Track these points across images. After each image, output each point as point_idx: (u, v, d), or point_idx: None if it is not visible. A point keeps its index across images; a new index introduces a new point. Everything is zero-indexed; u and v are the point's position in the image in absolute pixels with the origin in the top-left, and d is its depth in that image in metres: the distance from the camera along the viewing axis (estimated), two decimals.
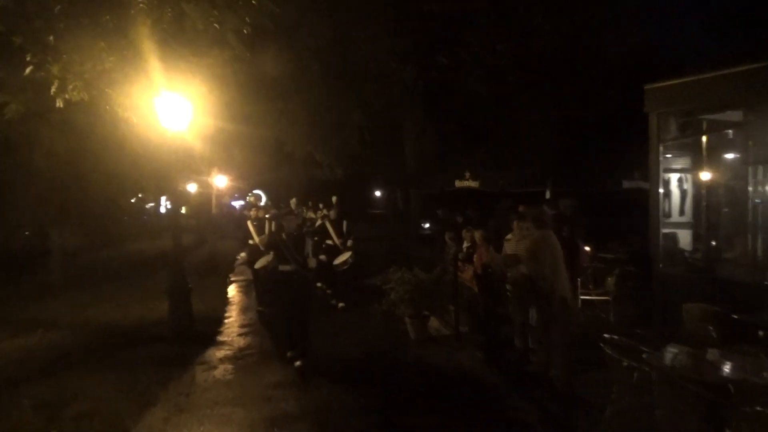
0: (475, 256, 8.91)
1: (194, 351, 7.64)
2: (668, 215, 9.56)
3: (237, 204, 33.34)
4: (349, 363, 7.13)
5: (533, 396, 5.63)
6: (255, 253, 10.04)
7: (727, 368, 3.71)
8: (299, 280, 6.88)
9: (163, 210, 36.62)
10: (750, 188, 6.51)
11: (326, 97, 13.79)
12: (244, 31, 7.35)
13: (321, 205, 12.52)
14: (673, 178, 9.33)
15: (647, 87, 7.00)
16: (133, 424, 5.22)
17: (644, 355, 4.32)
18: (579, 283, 8.90)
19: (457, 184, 14.57)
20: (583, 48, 12.67)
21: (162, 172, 11.81)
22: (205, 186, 25.12)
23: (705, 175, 7.48)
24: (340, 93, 14.12)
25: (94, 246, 20.90)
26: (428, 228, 14.62)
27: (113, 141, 9.98)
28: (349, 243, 10.71)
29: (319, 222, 11.75)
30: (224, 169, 21.99)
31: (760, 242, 6.64)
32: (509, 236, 7.43)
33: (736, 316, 5.41)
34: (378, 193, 23.62)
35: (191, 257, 17.70)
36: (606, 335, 4.88)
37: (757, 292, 5.84)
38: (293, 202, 12.88)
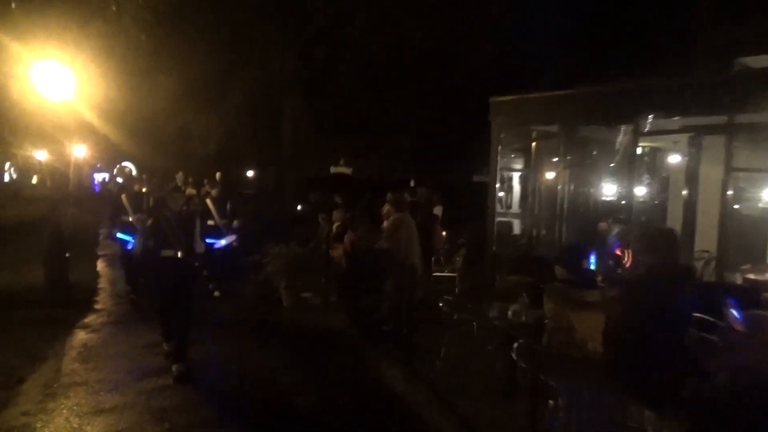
0: (345, 235, 10.06)
1: (73, 315, 7.94)
2: (509, 206, 11.40)
3: (100, 176, 31.46)
4: (224, 325, 7.91)
5: (383, 346, 6.88)
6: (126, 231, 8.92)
7: (518, 316, 5.16)
8: (184, 267, 6.13)
9: (6, 178, 33.61)
10: (559, 187, 8.31)
11: (206, 74, 14.12)
12: (143, 17, 7.74)
13: (205, 181, 12.04)
14: (515, 175, 11.17)
15: (491, 100, 8.54)
16: (27, 375, 5.65)
17: (468, 307, 5.72)
18: (432, 261, 10.41)
19: (332, 169, 15.64)
20: (446, 54, 14.27)
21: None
22: (62, 155, 23.71)
23: (532, 175, 9.26)
24: (220, 72, 14.50)
25: None
26: (301, 209, 15.53)
27: None
28: (236, 224, 10.08)
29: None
30: (85, 138, 21.03)
31: (565, 228, 8.51)
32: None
33: (541, 285, 7.07)
34: (250, 173, 23.98)
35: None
36: (445, 297, 6.26)
37: None
38: (179, 176, 11.92)
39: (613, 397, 3.37)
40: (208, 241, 8.52)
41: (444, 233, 11.22)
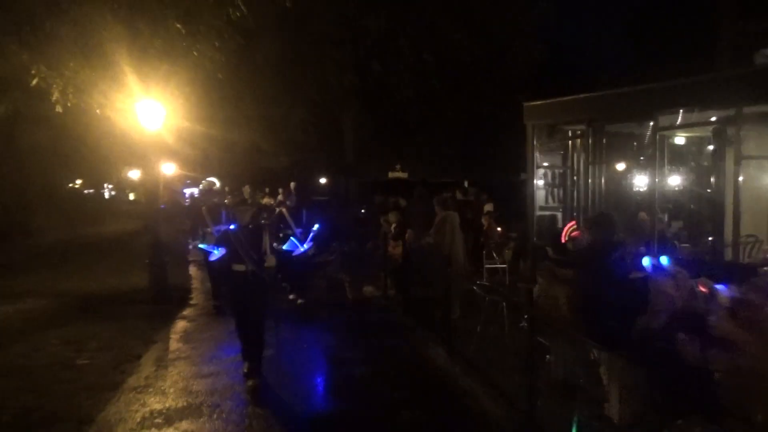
0: (405, 233, 11.14)
1: (174, 309, 9.50)
2: (549, 201, 12.10)
3: (189, 191, 34.07)
4: (297, 314, 9.19)
5: (431, 330, 7.90)
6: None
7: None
8: (254, 281, 5.99)
9: (107, 195, 37.10)
10: (589, 181, 8.98)
11: (274, 95, 15.69)
12: (219, 58, 9.22)
13: (280, 191, 12.65)
14: (556, 172, 11.85)
15: (525, 104, 9.38)
16: (143, 353, 7.13)
17: (498, 290, 6.69)
18: (484, 254, 11.33)
19: (390, 174, 16.82)
20: (492, 58, 15.09)
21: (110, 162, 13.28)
22: (153, 174, 26.28)
23: (570, 171, 9.97)
24: (287, 91, 16.03)
25: (40, 229, 21.77)
26: (364, 212, 16.77)
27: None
28: (312, 231, 9.76)
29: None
30: (175, 157, 23.33)
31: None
32: None
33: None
34: (323, 180, 25.56)
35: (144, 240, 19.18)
36: (478, 282, 7.24)
37: None
38: (246, 189, 12.67)
39: (584, 346, 4.26)
40: (285, 249, 8.96)
41: (499, 228, 12.11)
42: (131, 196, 30.69)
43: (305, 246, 9.51)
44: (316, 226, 9.76)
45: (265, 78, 14.23)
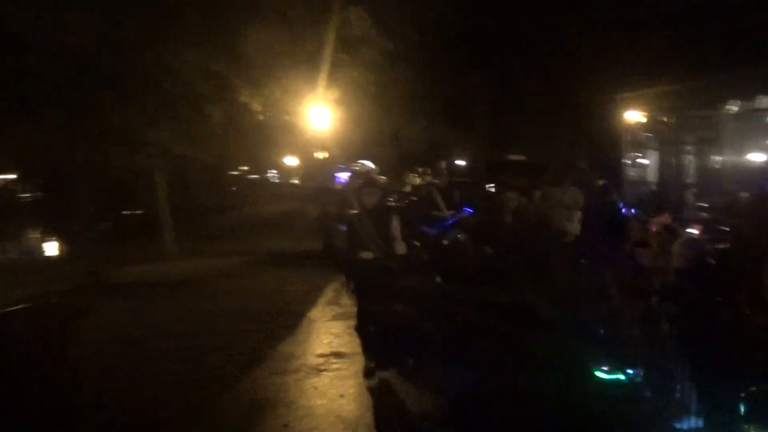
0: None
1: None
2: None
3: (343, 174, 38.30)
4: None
5: (532, 282, 10.13)
6: None
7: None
8: (381, 270, 5.58)
9: (272, 180, 42.50)
10: (689, 164, 10.54)
11: (414, 90, 18.58)
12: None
13: (422, 170, 13.23)
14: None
15: (616, 96, 11.10)
16: (324, 286, 10.27)
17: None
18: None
19: (511, 157, 18.92)
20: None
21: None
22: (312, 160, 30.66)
23: (663, 156, 11.51)
24: (425, 87, 18.81)
25: (216, 209, 26.72)
26: (492, 189, 19.02)
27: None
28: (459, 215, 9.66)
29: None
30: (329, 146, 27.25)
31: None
32: None
33: None
34: (460, 162, 27.95)
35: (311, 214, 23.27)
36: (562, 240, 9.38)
37: None
38: (373, 168, 13.60)
39: None
40: (433, 232, 9.00)
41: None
42: (294, 181, 35.61)
43: (450, 230, 9.44)
44: (464, 210, 9.71)
45: (407, 78, 17.04)
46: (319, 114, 13.04)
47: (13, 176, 33.43)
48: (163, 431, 4.85)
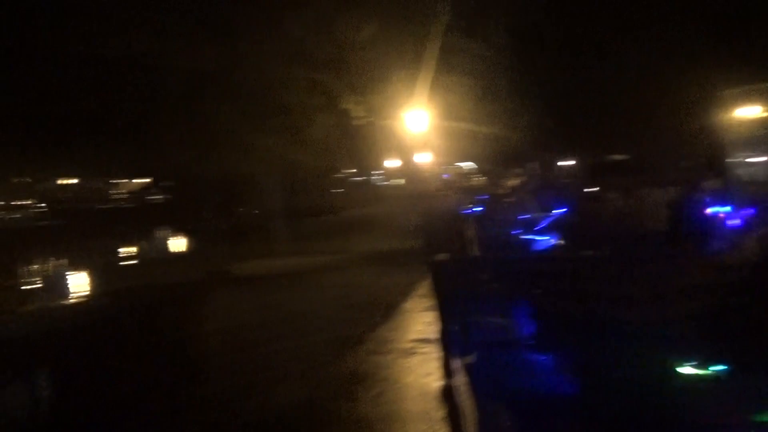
0: None
1: None
2: None
3: (444, 175, 38.90)
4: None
5: None
6: None
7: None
8: (456, 271, 6.14)
9: (377, 182, 43.82)
10: None
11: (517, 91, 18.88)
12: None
13: (522, 172, 14.69)
14: None
15: (719, 93, 10.78)
16: (423, 280, 10.92)
17: None
18: None
19: (613, 157, 18.75)
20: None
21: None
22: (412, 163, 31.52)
23: None
24: (525, 88, 19.00)
25: (322, 210, 28.22)
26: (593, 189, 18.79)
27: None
28: (551, 217, 9.65)
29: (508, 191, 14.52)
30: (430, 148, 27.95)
31: None
32: None
33: None
34: (566, 163, 27.55)
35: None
36: None
37: None
38: (467, 170, 16.07)
39: None
40: (525, 236, 8.99)
41: None
42: (396, 182, 36.64)
43: (544, 234, 9.41)
44: (555, 211, 9.59)
45: (507, 81, 17.34)
46: (417, 118, 13.74)
47: (148, 180, 37.29)
48: (280, 386, 5.94)
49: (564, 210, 9.57)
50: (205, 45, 12.61)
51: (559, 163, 33.99)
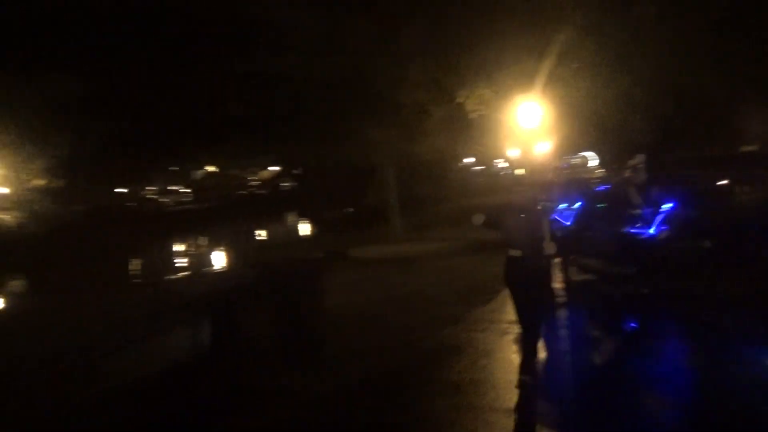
0: None
1: None
2: None
3: (561, 164, 37.99)
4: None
5: None
6: None
7: None
8: (530, 269, 5.40)
9: (499, 172, 43.56)
10: None
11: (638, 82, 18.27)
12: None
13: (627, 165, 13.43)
14: None
15: None
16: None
17: None
18: None
19: (743, 148, 17.50)
20: None
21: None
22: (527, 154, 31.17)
23: None
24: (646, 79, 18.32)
25: (437, 199, 28.76)
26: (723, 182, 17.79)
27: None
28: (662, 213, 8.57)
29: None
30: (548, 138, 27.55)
31: None
32: None
33: None
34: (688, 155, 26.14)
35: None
36: None
37: None
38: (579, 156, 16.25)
39: None
40: (632, 232, 8.15)
41: None
42: (518, 171, 36.50)
43: (654, 229, 8.38)
44: (666, 206, 8.44)
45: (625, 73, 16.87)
46: (530, 110, 14.00)
47: (278, 168, 40.36)
48: (387, 353, 6.93)
49: (676, 205, 9.25)
50: (336, 57, 13.92)
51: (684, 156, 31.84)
